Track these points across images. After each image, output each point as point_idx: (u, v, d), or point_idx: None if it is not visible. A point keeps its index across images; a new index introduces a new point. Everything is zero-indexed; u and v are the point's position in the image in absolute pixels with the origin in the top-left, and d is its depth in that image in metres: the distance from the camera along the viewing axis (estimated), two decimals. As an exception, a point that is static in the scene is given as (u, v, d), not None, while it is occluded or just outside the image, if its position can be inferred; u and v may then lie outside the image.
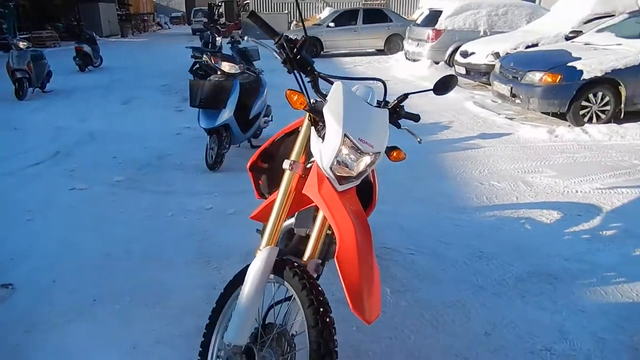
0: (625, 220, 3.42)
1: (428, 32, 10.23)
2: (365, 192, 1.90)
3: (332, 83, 1.65)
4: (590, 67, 5.69)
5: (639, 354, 2.13)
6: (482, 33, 9.92)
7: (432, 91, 1.83)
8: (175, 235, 3.28)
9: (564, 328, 2.30)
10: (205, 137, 4.59)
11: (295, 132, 1.84)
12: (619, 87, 5.78)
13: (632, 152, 4.94)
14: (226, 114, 4.43)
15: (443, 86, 1.81)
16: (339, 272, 1.38)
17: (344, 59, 13.75)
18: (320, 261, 1.72)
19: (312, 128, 1.61)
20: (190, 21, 31.75)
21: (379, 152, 1.57)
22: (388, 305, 2.46)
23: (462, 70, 8.56)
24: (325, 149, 1.55)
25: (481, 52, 8.27)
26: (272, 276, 1.61)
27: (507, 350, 2.16)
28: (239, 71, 4.61)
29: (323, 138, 1.56)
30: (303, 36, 1.61)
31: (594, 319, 2.37)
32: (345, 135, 1.50)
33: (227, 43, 7.51)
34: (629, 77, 5.73)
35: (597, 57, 5.84)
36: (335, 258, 1.41)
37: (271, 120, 5.44)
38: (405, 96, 1.79)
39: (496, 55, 7.92)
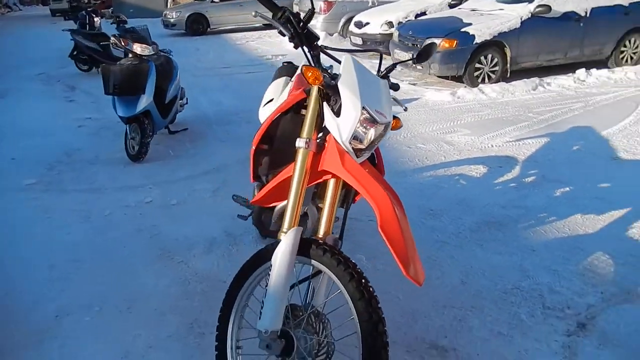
0: (539, 168, 3.86)
1: (320, 4, 10.31)
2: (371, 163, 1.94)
3: (332, 57, 1.64)
4: (481, 31, 6.21)
5: (586, 278, 2.47)
6: (370, 4, 10.25)
7: (415, 60, 1.90)
8: (122, 234, 3.04)
9: (523, 267, 2.58)
10: (113, 126, 4.26)
11: (290, 110, 1.80)
12: (505, 48, 6.40)
13: (524, 107, 5.54)
14: (145, 100, 4.13)
15: (425, 55, 1.90)
16: (385, 240, 1.41)
17: (234, 35, 13.35)
18: (337, 236, 1.73)
19: (325, 103, 1.59)
20: (46, 1, 28.40)
21: (390, 122, 1.62)
22: (369, 271, 2.55)
23: (359, 41, 8.81)
24: (344, 123, 1.55)
25: (375, 22, 8.56)
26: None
27: (484, 294, 2.38)
28: (153, 52, 4.30)
29: (337, 113, 1.56)
30: (310, 9, 1.57)
31: (543, 255, 2.68)
32: (363, 107, 1.51)
33: (112, 24, 6.88)
34: (513, 39, 6.36)
35: (485, 22, 6.39)
36: (379, 229, 1.44)
37: (186, 103, 5.18)
38: (393, 66, 1.84)
39: (389, 24, 8.27)
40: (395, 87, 1.98)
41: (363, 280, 1.48)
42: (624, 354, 1.96)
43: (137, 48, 4.19)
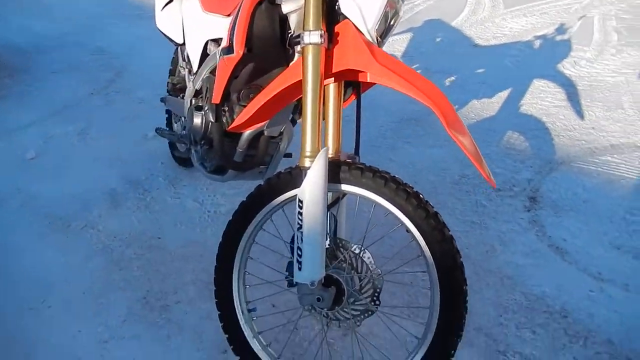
0: (418, 61, 3.92)
1: None
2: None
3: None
4: None
5: (512, 156, 2.61)
6: None
7: None
8: (-27, 209, 2.21)
9: (458, 157, 2.61)
10: None
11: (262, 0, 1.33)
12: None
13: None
14: None
15: None
16: (457, 142, 1.17)
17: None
18: (352, 152, 1.43)
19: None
20: None
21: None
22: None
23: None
24: (369, 5, 1.20)
25: None
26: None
27: (440, 189, 2.35)
28: None
29: None
30: None
31: (467, 142, 2.75)
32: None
33: None
34: None
35: None
36: (448, 130, 1.17)
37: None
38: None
39: None
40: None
41: (421, 196, 1.25)
42: (578, 216, 2.14)
43: None
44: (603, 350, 1.52)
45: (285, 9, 1.34)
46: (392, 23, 1.31)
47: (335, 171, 1.26)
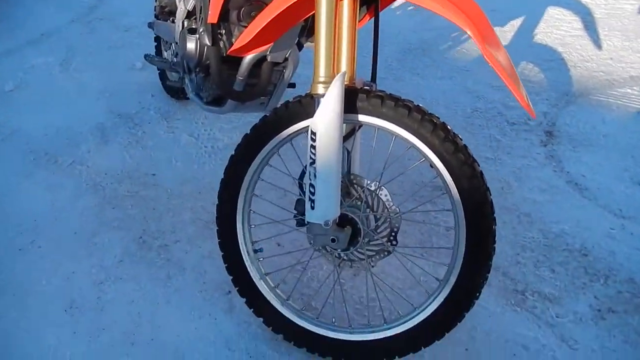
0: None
1: None
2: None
3: None
4: None
5: (527, 87, 2.45)
6: None
7: None
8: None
9: (469, 88, 2.46)
10: None
11: None
12: None
13: None
14: None
15: None
16: (493, 66, 1.02)
17: None
18: (368, 79, 1.27)
19: None
20: None
21: None
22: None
23: None
24: None
25: None
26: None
27: (452, 123, 2.19)
28: None
29: None
30: None
31: (479, 73, 2.58)
32: None
33: None
34: None
35: None
36: (483, 53, 1.02)
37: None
38: None
39: None
40: None
41: (449, 127, 1.11)
42: (597, 151, 2.03)
43: None
44: (625, 289, 1.45)
45: None
46: None
47: (351, 100, 1.12)
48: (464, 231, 1.10)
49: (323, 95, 1.06)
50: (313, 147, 1.07)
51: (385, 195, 1.21)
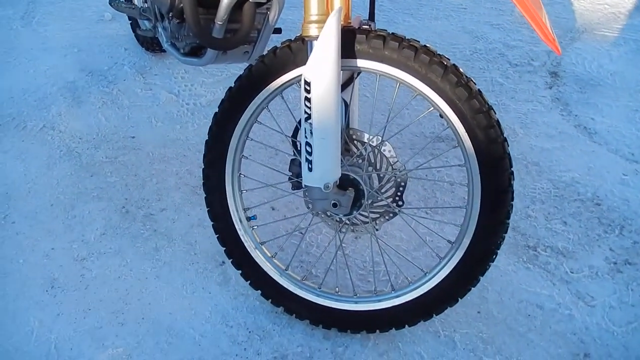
0: None
1: None
2: None
3: None
4: None
5: (526, 26, 2.30)
6: None
7: None
8: None
9: (467, 28, 2.29)
10: None
11: None
12: None
13: None
14: None
15: None
16: (518, 5, 0.88)
17: None
18: (366, 17, 1.12)
19: None
20: None
21: None
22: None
23: None
24: None
25: None
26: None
27: (451, 57, 2.06)
28: None
29: None
30: None
31: (476, 12, 2.41)
32: None
33: None
34: None
35: None
36: None
37: None
38: None
39: None
40: None
41: (462, 70, 0.98)
42: (605, 91, 1.91)
43: None
44: (640, 238, 1.38)
45: None
46: None
47: (348, 42, 0.97)
48: (479, 188, 1.00)
49: (316, 37, 0.91)
50: (307, 99, 0.94)
51: (390, 151, 1.09)
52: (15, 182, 1.57)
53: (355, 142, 1.11)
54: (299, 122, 1.12)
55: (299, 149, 1.14)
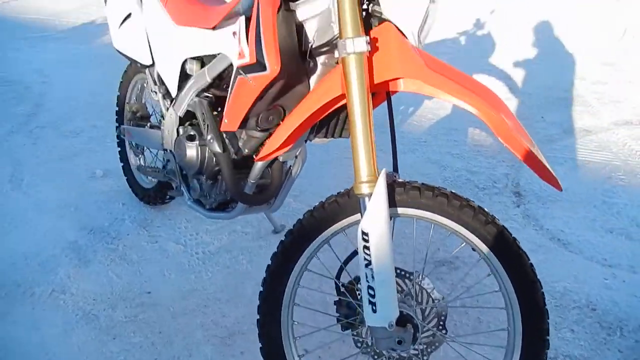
0: None
1: None
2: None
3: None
4: None
5: (481, 154, 2.65)
6: None
7: None
8: None
9: (431, 159, 2.60)
10: None
11: (280, 7, 1.15)
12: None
13: None
14: None
15: None
16: (512, 150, 1.08)
17: None
18: (391, 170, 1.31)
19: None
20: None
21: None
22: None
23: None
24: (415, 5, 1.09)
25: None
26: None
27: (429, 179, 2.30)
28: None
29: None
30: None
31: (430, 148, 2.75)
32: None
33: None
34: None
35: None
36: (500, 138, 1.09)
37: None
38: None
39: None
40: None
41: (486, 210, 1.16)
42: (563, 204, 2.20)
43: None
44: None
45: (301, 15, 1.18)
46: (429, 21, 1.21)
47: (390, 194, 1.14)
48: (518, 309, 1.13)
49: (369, 195, 1.07)
50: (366, 247, 1.07)
51: (428, 284, 1.22)
52: (32, 355, 1.51)
53: (404, 279, 1.23)
54: (341, 266, 1.25)
55: (341, 290, 1.24)
